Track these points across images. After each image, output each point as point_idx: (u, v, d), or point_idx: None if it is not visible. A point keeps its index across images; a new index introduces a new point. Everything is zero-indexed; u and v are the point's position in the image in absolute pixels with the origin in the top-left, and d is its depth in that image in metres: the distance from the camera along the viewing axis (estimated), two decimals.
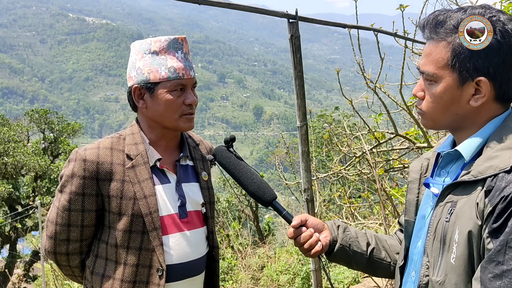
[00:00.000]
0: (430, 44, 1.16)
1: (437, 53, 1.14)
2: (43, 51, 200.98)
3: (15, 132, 19.75)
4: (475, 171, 1.09)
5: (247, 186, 1.48)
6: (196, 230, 1.71)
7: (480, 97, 1.12)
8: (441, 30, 1.13)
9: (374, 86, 3.84)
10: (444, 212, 1.13)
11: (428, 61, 1.15)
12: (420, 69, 1.18)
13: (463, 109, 1.14)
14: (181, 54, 1.65)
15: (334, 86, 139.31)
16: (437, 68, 1.14)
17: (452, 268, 1.08)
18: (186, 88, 1.66)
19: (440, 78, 1.13)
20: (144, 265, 1.60)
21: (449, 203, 1.12)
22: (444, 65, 1.13)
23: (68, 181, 1.61)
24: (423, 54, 1.19)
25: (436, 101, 1.16)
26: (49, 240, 1.66)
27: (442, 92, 1.14)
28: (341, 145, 5.00)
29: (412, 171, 1.35)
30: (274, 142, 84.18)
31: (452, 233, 1.09)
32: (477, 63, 1.09)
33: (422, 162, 1.34)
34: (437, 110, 1.17)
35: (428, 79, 1.17)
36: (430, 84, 1.16)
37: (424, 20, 1.18)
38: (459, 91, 1.13)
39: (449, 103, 1.14)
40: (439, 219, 1.14)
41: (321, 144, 11.18)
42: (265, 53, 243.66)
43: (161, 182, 1.66)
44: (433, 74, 1.14)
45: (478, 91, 1.11)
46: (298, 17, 2.52)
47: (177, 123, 1.66)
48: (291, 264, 5.25)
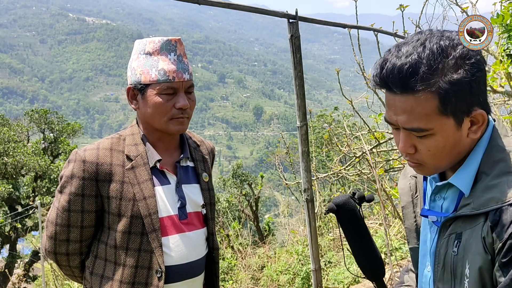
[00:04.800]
0: (404, 98, 1.01)
1: (423, 107, 1.00)
2: (43, 51, 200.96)
3: (15, 132, 19.74)
4: (476, 204, 1.03)
5: (361, 256, 1.30)
6: (196, 231, 1.70)
7: (478, 128, 1.05)
8: (416, 81, 0.98)
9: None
10: (450, 244, 1.07)
11: (413, 117, 1.02)
12: (405, 126, 1.04)
13: (464, 145, 1.07)
14: (174, 56, 1.62)
15: (334, 86, 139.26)
16: (430, 122, 1.01)
17: None
18: (177, 91, 1.62)
19: (437, 129, 1.02)
20: (143, 267, 1.60)
21: (453, 235, 1.07)
22: (435, 115, 1.01)
23: (67, 182, 1.61)
24: (397, 109, 1.03)
25: (438, 151, 1.05)
26: (49, 240, 1.66)
27: (444, 142, 1.04)
28: (341, 145, 5.00)
29: (402, 194, 1.27)
30: (274, 142, 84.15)
31: (462, 267, 1.05)
32: (468, 97, 1.00)
33: (409, 182, 1.26)
34: (440, 159, 1.07)
35: (420, 135, 1.04)
36: (423, 138, 1.05)
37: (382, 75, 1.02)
38: (459, 132, 1.04)
39: (452, 147, 1.05)
40: (446, 251, 1.08)
41: (321, 144, 11.18)
42: (265, 53, 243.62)
43: (161, 183, 1.66)
44: (427, 129, 1.02)
45: (473, 122, 1.04)
46: (298, 17, 2.52)
47: (166, 126, 1.63)
48: (291, 264, 5.25)
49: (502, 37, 2.87)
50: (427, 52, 0.99)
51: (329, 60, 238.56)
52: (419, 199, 1.25)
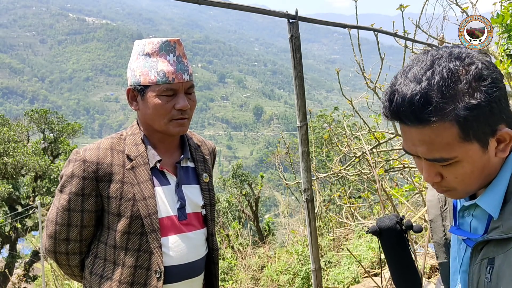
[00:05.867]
0: (420, 130, 0.95)
1: (442, 138, 0.94)
2: (43, 51, 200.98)
3: (15, 132, 19.74)
4: (505, 227, 0.97)
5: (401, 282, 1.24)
6: (195, 232, 1.70)
7: (506, 145, 0.98)
8: (431, 112, 0.91)
9: (374, 86, 3.84)
10: (483, 270, 1.01)
11: (434, 148, 0.96)
12: (427, 157, 0.98)
13: (492, 166, 1.00)
14: (173, 57, 1.61)
15: (334, 86, 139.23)
16: (453, 151, 0.95)
17: None
18: (177, 92, 1.62)
19: (462, 156, 0.96)
20: (142, 267, 1.60)
21: (485, 260, 1.01)
22: (458, 143, 0.94)
23: (67, 181, 1.61)
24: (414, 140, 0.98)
25: (466, 178, 0.99)
26: (49, 240, 1.66)
27: (471, 167, 0.98)
28: (341, 145, 5.00)
29: (431, 207, 1.21)
30: (274, 142, 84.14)
31: None
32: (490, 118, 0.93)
33: (438, 194, 1.19)
34: (469, 184, 1.01)
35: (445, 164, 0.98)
36: (449, 166, 0.99)
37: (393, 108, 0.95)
38: (487, 155, 0.97)
39: (481, 171, 0.99)
40: (479, 277, 1.02)
41: (321, 144, 11.17)
42: (265, 53, 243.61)
43: (160, 183, 1.65)
44: (452, 158, 0.96)
45: (500, 140, 0.97)
46: (298, 17, 2.52)
47: (167, 128, 1.63)
48: (291, 264, 5.25)
49: (502, 37, 2.87)
50: (437, 79, 0.91)
51: (329, 60, 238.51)
52: (448, 212, 1.19)
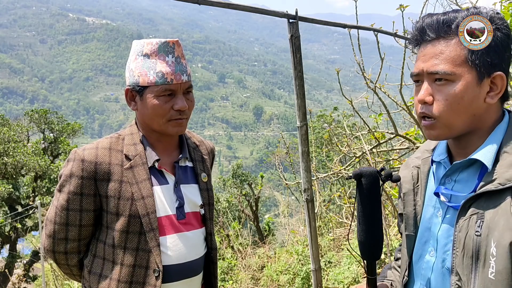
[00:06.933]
0: (437, 44, 1.09)
1: (451, 51, 1.08)
2: (43, 51, 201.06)
3: (15, 132, 19.73)
4: (502, 179, 1.03)
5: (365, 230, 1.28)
6: (194, 231, 1.71)
7: (495, 94, 1.09)
8: (451, 28, 1.08)
9: (374, 86, 3.84)
10: (472, 225, 1.06)
11: (441, 60, 1.08)
12: (429, 70, 1.10)
13: (480, 109, 1.09)
14: (171, 58, 1.61)
15: (334, 86, 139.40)
16: (455, 66, 1.07)
17: (491, 284, 1.02)
18: (176, 93, 1.62)
19: (459, 76, 1.07)
20: (141, 266, 1.60)
21: (475, 215, 1.06)
22: (461, 62, 1.07)
23: (66, 180, 1.61)
24: (426, 56, 1.11)
25: (455, 102, 1.08)
26: (48, 239, 1.66)
27: (463, 91, 1.07)
28: (341, 145, 5.00)
29: (405, 182, 1.29)
30: (274, 142, 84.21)
31: (486, 246, 1.02)
32: (494, 58, 1.07)
33: (411, 172, 1.28)
34: (455, 112, 1.09)
35: (442, 79, 1.08)
36: (444, 85, 1.09)
37: (424, 23, 1.11)
38: (478, 89, 1.07)
39: (469, 103, 1.08)
40: (466, 233, 1.07)
41: (321, 144, 11.17)
42: (265, 53, 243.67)
43: (159, 183, 1.66)
44: (450, 73, 1.07)
45: (492, 87, 1.09)
46: (298, 17, 2.51)
47: (165, 128, 1.64)
48: (291, 264, 5.25)
49: None
50: (464, 13, 1.09)
51: (329, 60, 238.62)
52: (420, 189, 1.25)
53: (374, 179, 1.25)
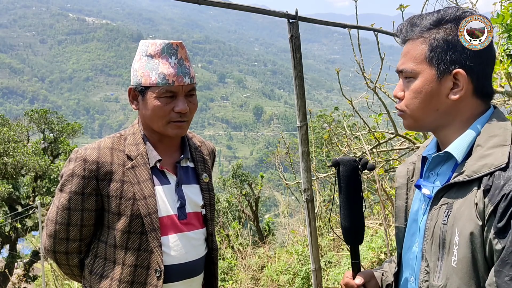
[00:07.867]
0: (407, 44, 1.19)
1: (414, 50, 1.16)
2: (43, 51, 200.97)
3: (15, 132, 19.72)
4: (469, 171, 1.08)
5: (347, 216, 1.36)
6: (195, 231, 1.71)
7: (458, 90, 1.12)
8: (417, 29, 1.17)
9: (374, 86, 3.84)
10: (440, 214, 1.12)
11: (406, 59, 1.18)
12: (399, 68, 1.20)
13: (442, 104, 1.15)
14: (174, 60, 1.61)
15: (334, 86, 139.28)
16: (415, 64, 1.16)
17: (453, 271, 1.07)
18: (177, 95, 1.62)
19: (418, 73, 1.15)
20: (142, 266, 1.60)
21: (444, 205, 1.11)
22: (421, 60, 1.15)
23: (68, 180, 1.61)
24: (401, 55, 1.21)
25: (415, 96, 1.17)
26: (49, 239, 1.66)
27: (421, 86, 1.15)
28: (341, 145, 4.99)
29: (399, 177, 1.34)
30: (274, 142, 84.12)
31: (451, 235, 1.08)
32: (453, 55, 1.11)
33: (407, 167, 1.33)
34: (417, 106, 1.17)
35: (407, 77, 1.19)
36: (409, 82, 1.18)
37: (400, 25, 1.23)
38: (438, 85, 1.14)
39: (428, 97, 1.15)
40: (436, 222, 1.13)
41: (321, 144, 11.17)
42: (265, 53, 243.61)
43: (161, 183, 1.66)
44: (411, 70, 1.16)
45: (456, 84, 1.13)
46: (298, 17, 2.52)
47: (165, 129, 1.64)
48: (291, 264, 5.25)
49: (502, 37, 2.87)
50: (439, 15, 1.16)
51: (329, 60, 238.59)
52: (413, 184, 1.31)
53: (351, 167, 1.35)
